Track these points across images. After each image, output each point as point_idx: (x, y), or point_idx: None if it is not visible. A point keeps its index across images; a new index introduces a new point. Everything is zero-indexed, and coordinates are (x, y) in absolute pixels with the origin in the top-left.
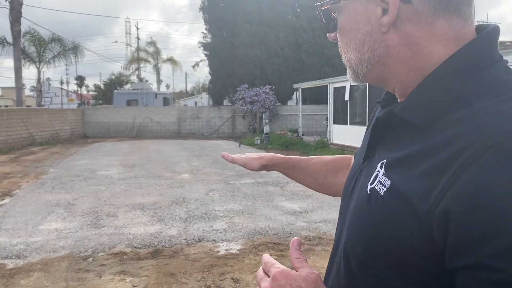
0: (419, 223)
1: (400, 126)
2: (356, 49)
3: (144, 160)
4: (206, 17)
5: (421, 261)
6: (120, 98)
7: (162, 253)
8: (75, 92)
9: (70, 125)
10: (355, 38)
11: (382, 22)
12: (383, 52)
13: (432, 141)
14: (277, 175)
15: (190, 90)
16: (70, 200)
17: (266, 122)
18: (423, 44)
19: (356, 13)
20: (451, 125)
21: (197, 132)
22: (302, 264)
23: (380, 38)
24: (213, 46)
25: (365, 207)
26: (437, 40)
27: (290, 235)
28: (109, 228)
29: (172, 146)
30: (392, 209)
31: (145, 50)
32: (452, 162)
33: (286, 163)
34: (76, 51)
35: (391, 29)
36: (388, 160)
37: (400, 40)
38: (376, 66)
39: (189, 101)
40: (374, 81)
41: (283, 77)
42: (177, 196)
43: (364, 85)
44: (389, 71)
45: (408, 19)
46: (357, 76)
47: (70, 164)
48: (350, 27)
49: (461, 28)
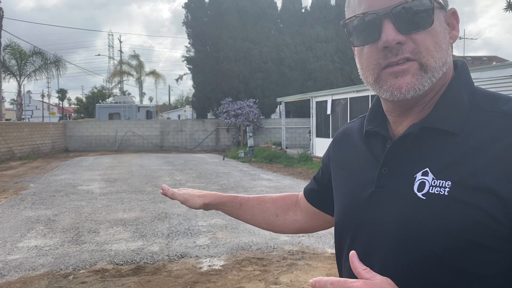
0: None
1: (426, 139)
2: (444, 50)
3: (126, 174)
4: (190, 31)
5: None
6: (102, 111)
7: (144, 269)
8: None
9: (51, 139)
10: (444, 40)
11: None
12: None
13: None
14: (262, 188)
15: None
16: (51, 216)
17: (250, 135)
18: (449, 63)
19: (441, 21)
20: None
21: (180, 145)
22: (372, 274)
23: (447, 52)
24: (196, 60)
25: (424, 211)
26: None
27: (274, 249)
28: (90, 244)
29: (155, 160)
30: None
31: (128, 63)
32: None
33: (232, 201)
34: (58, 64)
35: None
36: (432, 168)
37: (449, 59)
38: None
39: (173, 114)
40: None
41: (267, 91)
42: (160, 212)
43: (345, 99)
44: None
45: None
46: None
47: (51, 179)
48: (441, 30)
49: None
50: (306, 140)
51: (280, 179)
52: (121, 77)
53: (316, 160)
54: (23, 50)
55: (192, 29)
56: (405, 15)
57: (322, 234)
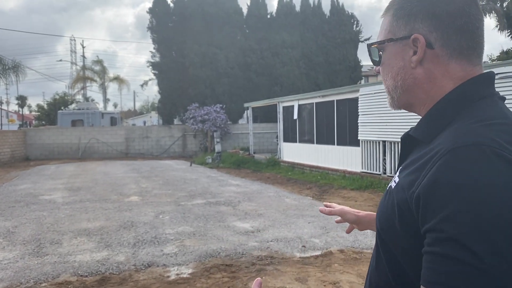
0: (408, 204)
1: (413, 144)
2: (393, 78)
3: (90, 182)
4: (155, 36)
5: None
6: (65, 118)
7: (110, 280)
8: (16, 113)
9: (10, 147)
10: (392, 70)
11: (412, 60)
12: (411, 82)
13: (425, 151)
14: (230, 194)
15: (138, 109)
16: (10, 228)
17: (217, 141)
18: (439, 79)
19: (395, 52)
20: (439, 139)
21: (146, 152)
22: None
23: (410, 72)
24: (162, 66)
25: (384, 199)
26: (449, 77)
27: (242, 255)
28: (52, 256)
29: (120, 167)
30: (395, 197)
31: (91, 68)
32: (429, 162)
33: None
34: (17, 70)
35: (418, 65)
36: (401, 167)
37: (423, 74)
38: (405, 92)
39: (138, 120)
40: (405, 106)
41: (234, 97)
42: (125, 220)
43: (311, 104)
44: (415, 98)
45: (430, 60)
46: (393, 101)
47: (10, 189)
48: (389, 61)
49: (469, 71)
50: (273, 145)
51: (248, 185)
52: (84, 83)
53: (284, 165)
54: None
55: (157, 34)
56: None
57: (290, 238)
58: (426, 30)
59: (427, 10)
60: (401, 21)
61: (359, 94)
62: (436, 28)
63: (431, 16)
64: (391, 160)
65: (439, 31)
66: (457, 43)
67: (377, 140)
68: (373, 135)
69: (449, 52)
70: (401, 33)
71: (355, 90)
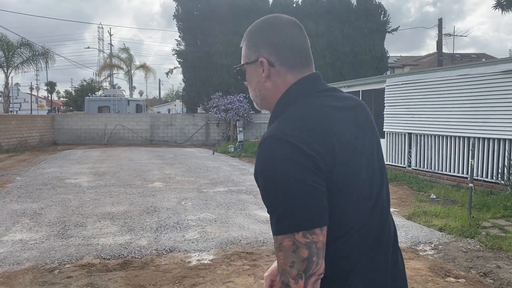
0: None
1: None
2: (253, 90)
3: (115, 168)
4: (180, 24)
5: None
6: (92, 104)
7: (132, 264)
8: (45, 98)
9: (39, 132)
10: (252, 84)
11: (262, 76)
12: (264, 92)
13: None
14: (251, 183)
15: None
16: (37, 210)
17: (240, 130)
18: (280, 88)
19: (252, 71)
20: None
21: (170, 139)
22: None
23: (263, 85)
24: (187, 54)
25: None
26: (288, 85)
27: (263, 244)
28: (76, 238)
29: (144, 154)
30: None
31: (118, 56)
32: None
33: None
34: (47, 57)
35: (267, 80)
36: None
37: (271, 85)
38: (263, 99)
39: (163, 108)
40: (265, 108)
41: None
42: (148, 205)
43: None
44: (269, 102)
45: (274, 75)
46: (257, 105)
47: (38, 172)
48: (250, 78)
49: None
50: None
51: None
52: (111, 70)
53: None
54: (10, 41)
55: (182, 22)
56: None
57: None
58: (267, 54)
59: (266, 40)
60: (251, 50)
61: (386, 84)
62: (274, 52)
63: (269, 44)
64: (417, 153)
65: (277, 54)
66: (291, 61)
67: (403, 132)
68: (399, 127)
69: (285, 68)
70: (252, 57)
71: (382, 81)
